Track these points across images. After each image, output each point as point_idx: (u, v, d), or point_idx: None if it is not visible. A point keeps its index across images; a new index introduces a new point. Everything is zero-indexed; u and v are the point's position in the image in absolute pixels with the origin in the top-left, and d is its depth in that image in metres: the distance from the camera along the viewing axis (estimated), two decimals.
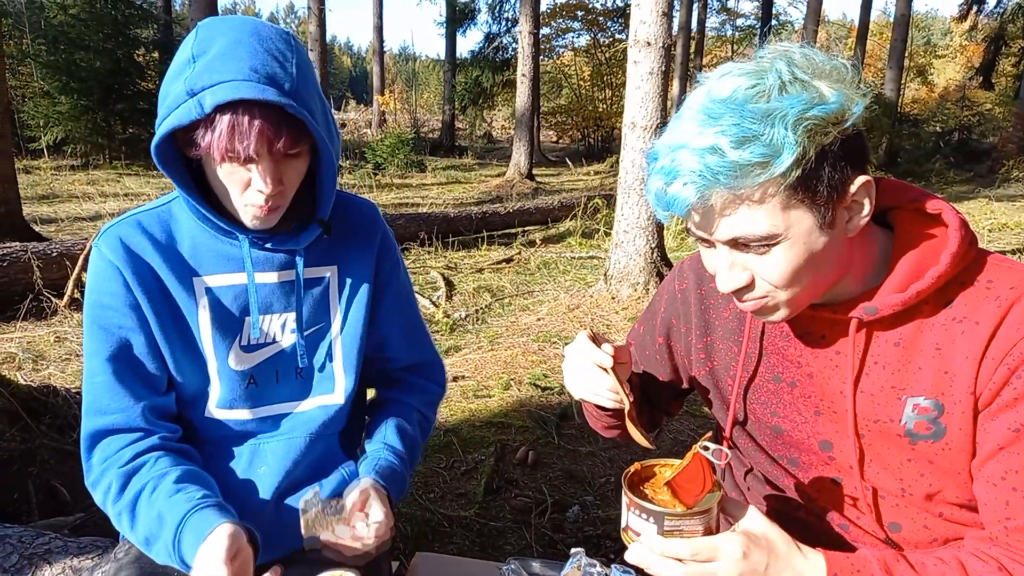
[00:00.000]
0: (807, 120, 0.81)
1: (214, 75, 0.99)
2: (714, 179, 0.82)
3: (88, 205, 9.14)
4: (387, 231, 1.38)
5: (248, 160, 1.05)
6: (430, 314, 5.22)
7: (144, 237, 1.17)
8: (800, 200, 0.85)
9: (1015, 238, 8.51)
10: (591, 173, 16.38)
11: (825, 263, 0.91)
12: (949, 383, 0.92)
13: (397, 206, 10.38)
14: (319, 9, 14.08)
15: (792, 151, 0.81)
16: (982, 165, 15.80)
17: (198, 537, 1.03)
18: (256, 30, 1.06)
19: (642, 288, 5.30)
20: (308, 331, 1.27)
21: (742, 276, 0.93)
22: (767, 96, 0.83)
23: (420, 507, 2.73)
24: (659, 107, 5.11)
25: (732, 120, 0.81)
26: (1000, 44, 22.25)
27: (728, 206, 0.86)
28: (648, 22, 4.98)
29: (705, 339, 1.18)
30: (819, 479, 1.08)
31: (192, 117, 0.99)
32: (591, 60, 23.85)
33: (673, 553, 0.85)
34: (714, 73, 0.89)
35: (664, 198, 0.88)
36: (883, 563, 0.88)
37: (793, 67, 0.84)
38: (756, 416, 1.12)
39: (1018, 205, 11.00)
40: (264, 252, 1.21)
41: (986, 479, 0.92)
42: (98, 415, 1.16)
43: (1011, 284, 0.92)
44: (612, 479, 2.99)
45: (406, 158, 15.34)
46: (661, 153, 0.88)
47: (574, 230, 8.65)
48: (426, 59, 59.65)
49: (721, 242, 0.91)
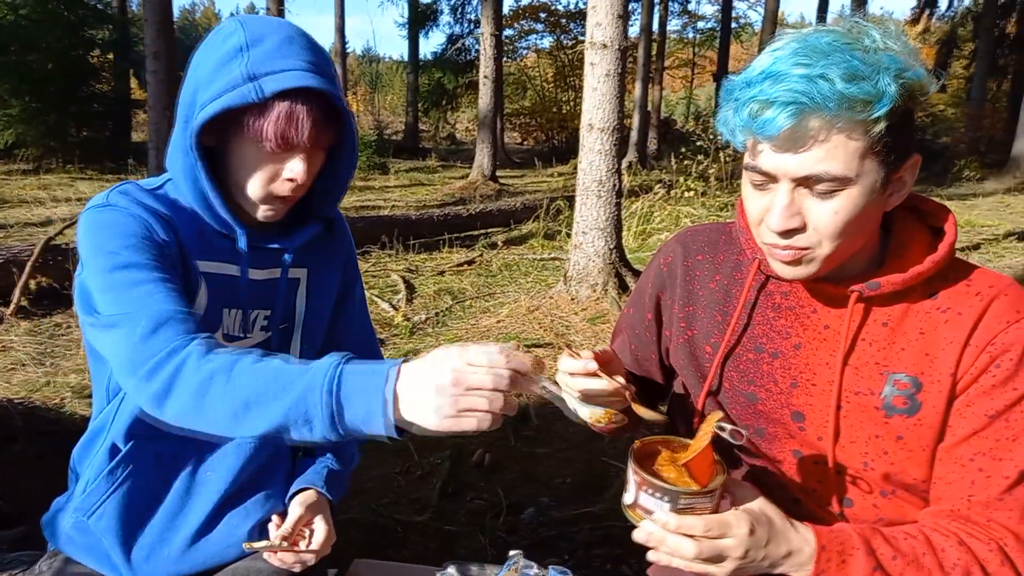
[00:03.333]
0: (904, 79, 0.88)
1: (276, 63, 1.05)
2: (823, 103, 0.86)
3: (39, 210, 8.90)
4: (350, 236, 1.41)
5: (295, 148, 1.09)
6: (389, 317, 5.19)
7: (155, 201, 1.13)
8: (876, 153, 0.90)
9: (965, 236, 8.73)
10: (555, 175, 16.43)
11: (867, 225, 0.97)
12: (930, 363, 0.99)
13: (359, 209, 10.29)
14: (278, 11, 13.89)
15: (891, 100, 0.86)
16: (935, 165, 16.18)
17: (372, 371, 0.88)
18: (298, 30, 1.12)
19: (601, 289, 5.33)
20: (276, 329, 1.27)
21: (795, 219, 0.95)
22: (867, 52, 0.88)
23: (373, 512, 2.71)
24: (616, 109, 5.15)
25: (843, 58, 0.86)
26: (952, 47, 22.85)
27: (822, 132, 0.88)
28: (604, 24, 5.01)
29: (687, 308, 1.21)
30: (782, 450, 1.12)
31: (249, 99, 1.03)
32: (555, 62, 23.96)
33: (687, 530, 0.89)
34: (795, 31, 0.94)
35: (758, 119, 0.90)
36: (861, 535, 0.94)
37: (886, 37, 0.91)
38: (732, 384, 1.15)
39: (969, 204, 11.31)
40: (256, 248, 1.20)
41: (955, 460, 0.98)
42: (156, 309, 1.01)
43: (989, 283, 1.00)
44: (568, 480, 3.01)
45: (369, 160, 15.23)
46: (756, 78, 0.91)
47: (536, 232, 8.66)
48: (389, 60, 59.37)
49: (792, 178, 0.93)
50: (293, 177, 1.10)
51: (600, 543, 2.56)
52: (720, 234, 1.22)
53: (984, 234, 8.84)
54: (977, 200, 11.77)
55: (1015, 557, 0.93)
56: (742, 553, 0.90)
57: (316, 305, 1.31)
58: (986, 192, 12.81)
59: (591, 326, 4.94)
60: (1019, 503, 0.94)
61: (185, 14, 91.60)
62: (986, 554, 0.93)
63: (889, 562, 0.92)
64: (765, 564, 0.91)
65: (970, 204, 11.27)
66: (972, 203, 11.48)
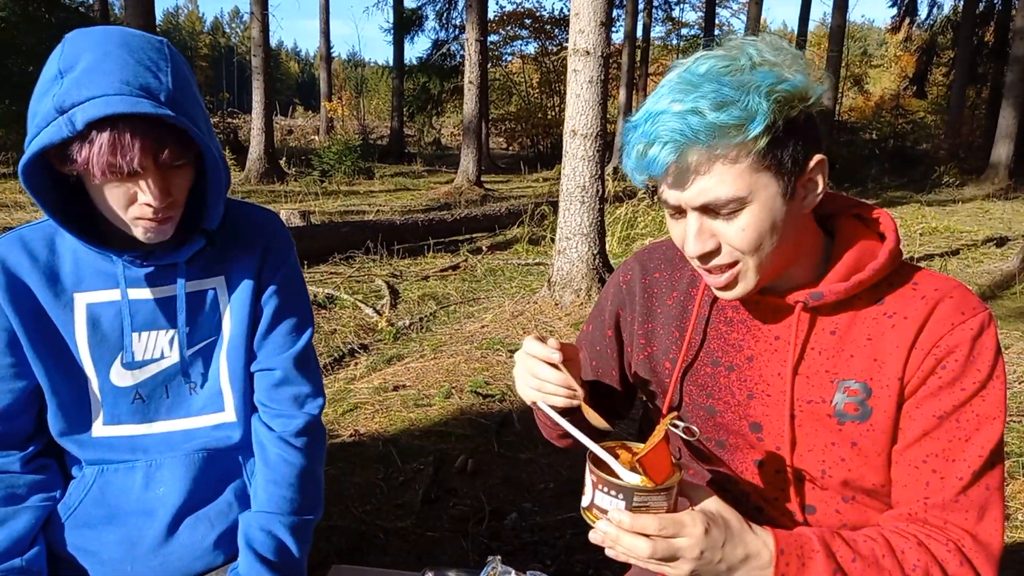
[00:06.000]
0: (777, 92, 0.89)
1: (83, 91, 0.96)
2: (694, 137, 0.89)
3: (20, 215, 8.83)
4: (279, 241, 1.31)
5: (132, 174, 1.02)
6: (374, 323, 5.18)
7: (24, 254, 1.15)
8: (767, 167, 0.92)
9: (944, 241, 8.85)
10: (540, 180, 16.49)
11: (785, 234, 0.98)
12: (878, 369, 1.00)
13: (343, 214, 10.27)
14: (263, 14, 13.85)
15: (765, 118, 0.89)
16: (915, 171, 16.40)
17: None
18: (124, 41, 1.03)
19: (584, 294, 5.35)
20: (197, 346, 1.25)
21: (710, 242, 0.98)
22: (740, 72, 0.91)
23: (355, 519, 2.70)
24: (599, 115, 5.17)
25: (711, 87, 0.89)
26: (932, 54, 23.17)
27: (703, 166, 0.92)
28: (587, 31, 5.04)
29: (646, 325, 1.22)
30: (744, 461, 1.13)
31: (63, 135, 0.96)
32: (539, 67, 24.04)
33: (641, 528, 0.87)
34: (686, 59, 0.97)
35: (644, 159, 0.93)
36: (821, 538, 0.94)
37: (761, 51, 0.93)
38: (692, 398, 1.16)
39: (948, 210, 11.45)
40: (142, 268, 1.18)
41: (908, 462, 0.99)
42: None
43: (935, 287, 1.01)
44: (551, 485, 3.01)
45: (354, 165, 15.20)
46: (640, 121, 0.93)
47: (521, 237, 8.68)
48: (374, 65, 59.32)
49: (692, 207, 0.96)
50: (147, 202, 1.04)
51: (582, 548, 2.56)
52: (676, 251, 1.23)
53: (963, 240, 8.95)
54: (956, 206, 11.93)
55: (973, 557, 0.94)
56: (697, 554, 0.88)
57: (233, 313, 1.27)
58: (965, 198, 12.99)
59: (575, 331, 4.95)
60: (974, 503, 0.96)
61: (168, 17, 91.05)
62: (945, 555, 0.94)
63: (849, 564, 0.93)
64: (723, 567, 0.90)
65: (949, 210, 11.41)
66: (951, 209, 11.63)
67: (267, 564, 1.19)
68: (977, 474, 0.95)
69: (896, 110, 22.20)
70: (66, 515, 1.21)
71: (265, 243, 1.29)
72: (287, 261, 1.32)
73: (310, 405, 1.33)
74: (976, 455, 0.96)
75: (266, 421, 1.30)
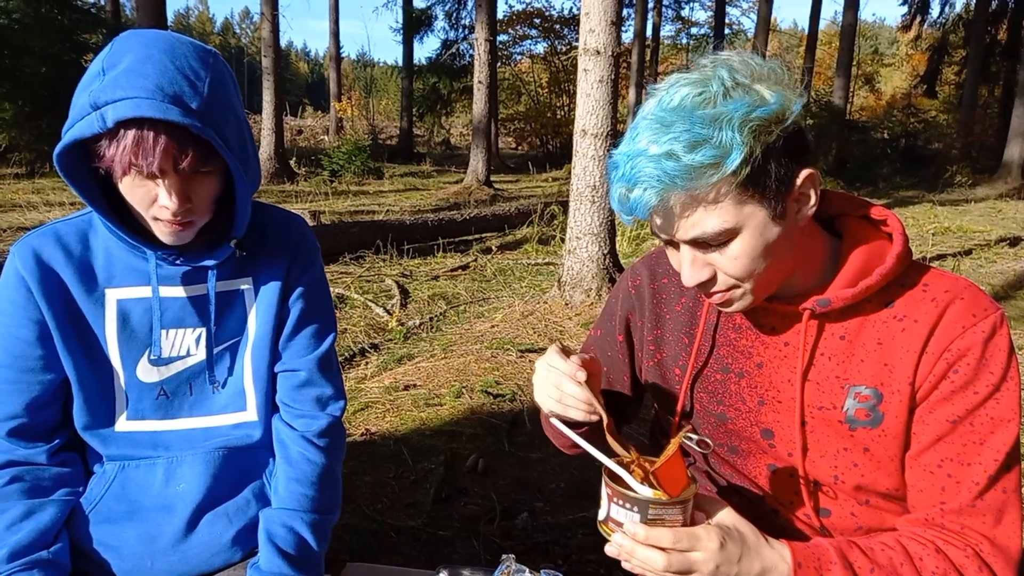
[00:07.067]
0: (751, 121, 0.87)
1: (118, 91, 0.99)
2: (671, 183, 0.88)
3: (33, 215, 8.88)
4: (307, 245, 1.34)
5: (152, 175, 1.04)
6: (384, 322, 5.19)
7: (58, 248, 1.17)
8: (751, 196, 0.91)
9: (957, 241, 8.79)
10: (549, 180, 16.48)
11: (780, 252, 0.97)
12: (889, 374, 0.99)
13: (353, 213, 10.30)
14: (272, 15, 13.91)
15: (740, 151, 0.87)
16: (927, 170, 16.30)
17: None
18: (170, 47, 1.05)
19: (595, 294, 5.35)
20: (222, 345, 1.26)
21: (704, 271, 0.98)
22: (713, 102, 0.88)
23: (367, 518, 2.71)
24: (609, 115, 5.17)
25: (683, 127, 0.87)
26: (943, 53, 23.02)
27: (686, 207, 0.91)
28: (597, 31, 5.03)
29: (656, 332, 1.22)
30: (757, 466, 1.13)
31: (95, 130, 0.99)
32: (549, 67, 24.02)
33: (655, 541, 0.87)
34: (662, 84, 0.95)
35: (626, 204, 0.93)
36: (838, 549, 0.94)
37: (734, 73, 0.90)
38: (702, 405, 1.16)
39: (960, 209, 11.38)
40: (174, 267, 1.20)
41: (923, 467, 0.98)
42: None
43: (945, 288, 0.99)
44: (562, 485, 3.01)
45: (363, 165, 15.24)
46: (620, 162, 0.92)
47: (531, 236, 8.67)
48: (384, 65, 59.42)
49: (683, 242, 0.96)
50: (164, 204, 1.06)
51: (594, 548, 2.56)
52: None
53: (976, 239, 8.90)
54: (969, 205, 11.85)
55: (991, 562, 0.94)
56: (713, 568, 0.87)
57: (259, 314, 1.29)
58: (978, 198, 12.90)
59: (585, 331, 4.95)
60: (991, 507, 0.95)
61: (179, 18, 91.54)
62: (963, 560, 0.93)
63: (867, 575, 0.92)
64: None
65: (962, 210, 11.34)
66: (964, 209, 11.55)
67: (288, 559, 1.20)
68: (993, 478, 0.95)
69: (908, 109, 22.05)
70: (88, 510, 1.22)
71: (293, 246, 1.31)
72: (314, 265, 1.35)
73: (332, 407, 1.35)
74: (992, 459, 0.95)
75: (288, 421, 1.32)
